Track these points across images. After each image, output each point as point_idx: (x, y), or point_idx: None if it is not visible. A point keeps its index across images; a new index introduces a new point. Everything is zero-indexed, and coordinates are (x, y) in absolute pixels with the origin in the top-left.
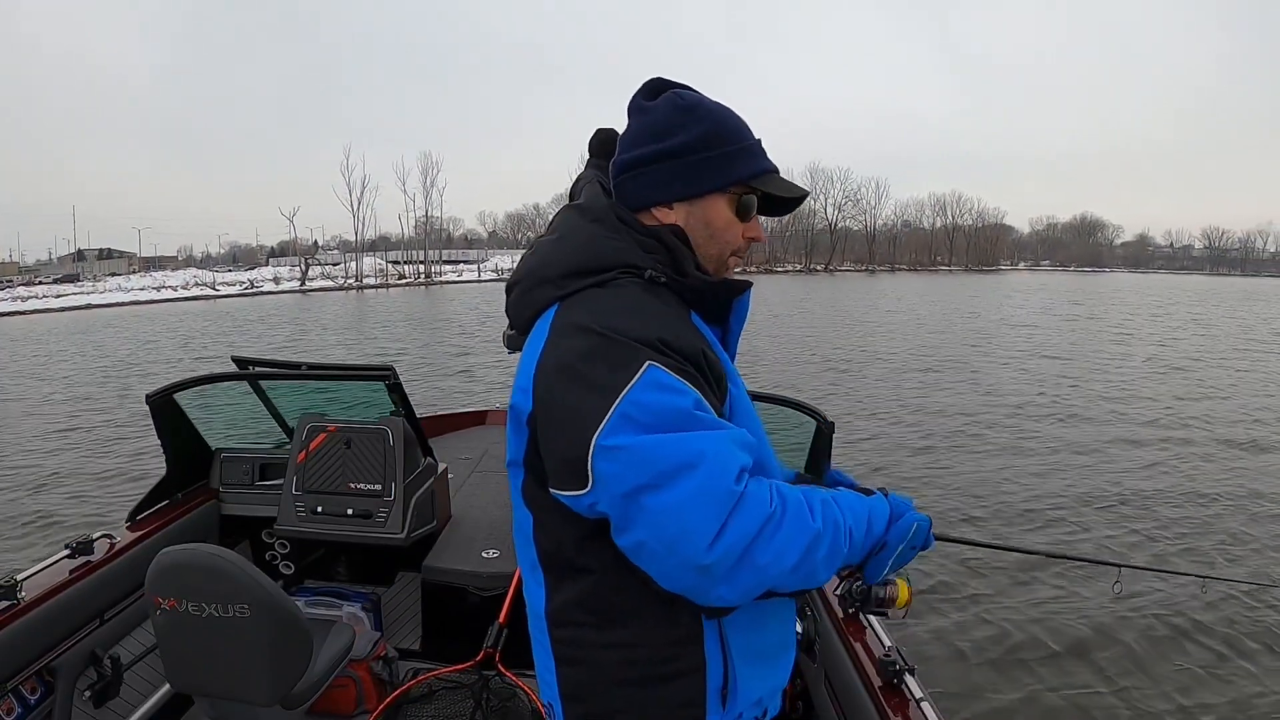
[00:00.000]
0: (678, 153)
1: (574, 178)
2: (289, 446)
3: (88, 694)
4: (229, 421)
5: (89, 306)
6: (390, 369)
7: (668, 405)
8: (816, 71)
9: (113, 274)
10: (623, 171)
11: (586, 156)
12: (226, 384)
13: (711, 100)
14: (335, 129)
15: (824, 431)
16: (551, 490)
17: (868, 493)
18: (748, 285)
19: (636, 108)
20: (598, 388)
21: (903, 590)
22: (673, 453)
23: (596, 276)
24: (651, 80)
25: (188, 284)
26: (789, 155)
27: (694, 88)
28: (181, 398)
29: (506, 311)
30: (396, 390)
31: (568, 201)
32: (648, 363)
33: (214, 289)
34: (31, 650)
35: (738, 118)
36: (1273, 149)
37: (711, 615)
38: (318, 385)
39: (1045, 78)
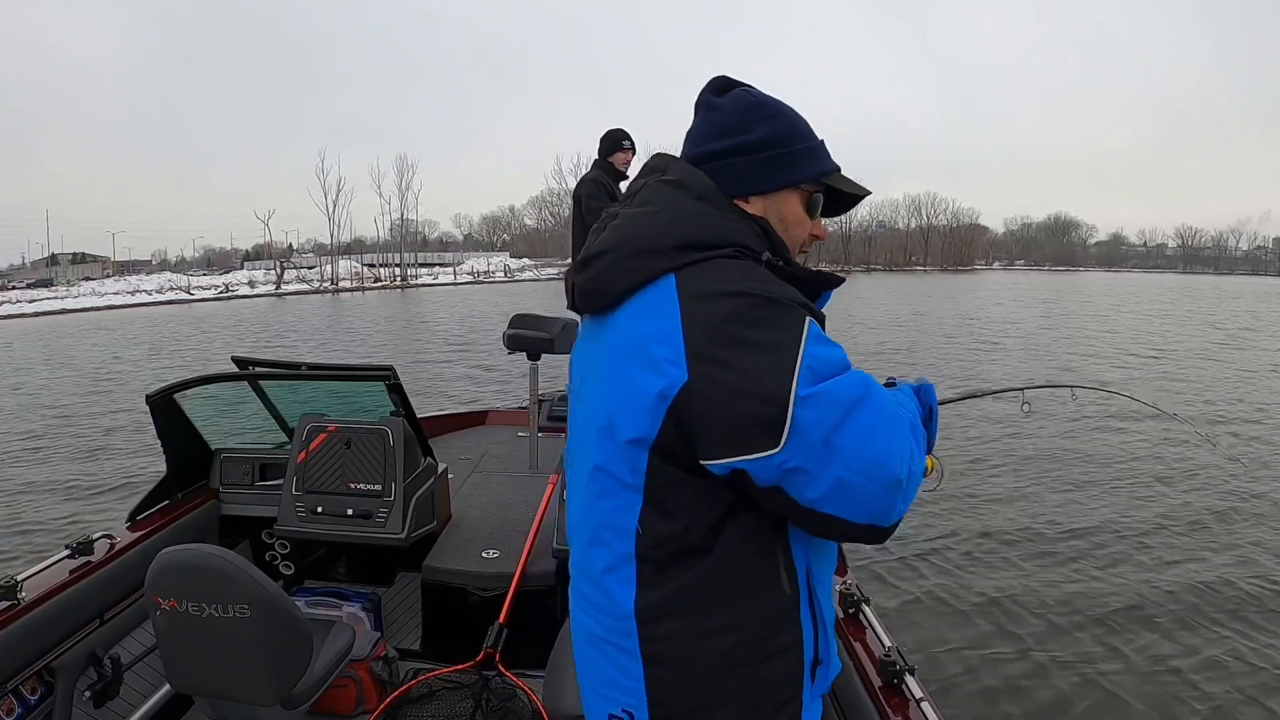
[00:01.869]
0: (754, 148)
1: (547, 179)
2: (289, 446)
3: (88, 694)
4: (229, 421)
5: (63, 311)
6: (390, 369)
7: (834, 357)
8: (791, 72)
9: (87, 278)
10: (694, 165)
11: (588, 158)
12: (226, 384)
13: (778, 99)
14: (311, 131)
15: None
16: (722, 460)
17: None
18: (842, 280)
19: (706, 104)
20: (775, 345)
21: (930, 460)
22: (850, 389)
23: (715, 251)
24: (717, 78)
25: (162, 288)
26: None
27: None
28: (181, 398)
29: (577, 288)
30: (396, 390)
31: (572, 202)
32: (807, 318)
33: (189, 293)
34: (31, 650)
35: (803, 117)
36: (1247, 149)
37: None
38: (317, 385)
39: (1021, 79)
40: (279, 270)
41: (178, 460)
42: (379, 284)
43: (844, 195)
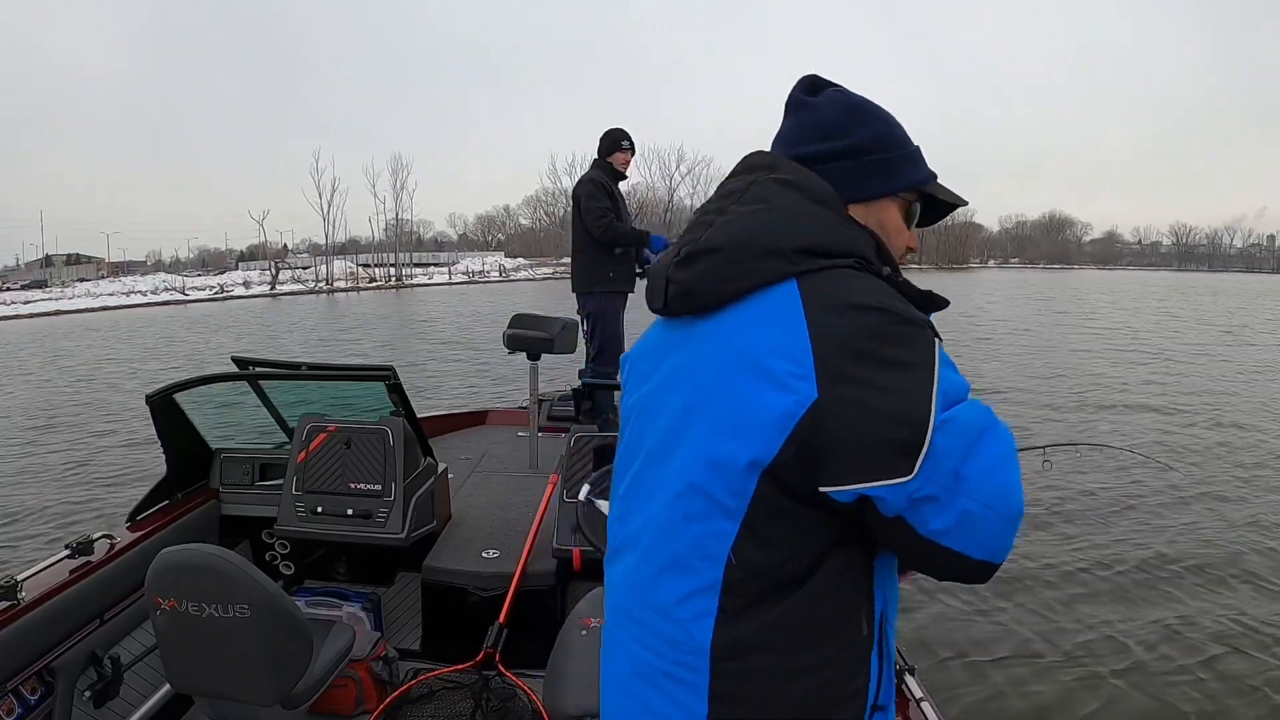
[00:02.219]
0: (854, 152)
1: (542, 178)
2: (289, 446)
3: (88, 694)
4: (229, 421)
5: (58, 313)
6: (390, 369)
7: (961, 382)
8: (788, 71)
9: (81, 279)
10: None
11: (583, 157)
12: (226, 384)
13: (874, 101)
14: (306, 132)
15: None
16: (850, 487)
17: None
18: (948, 303)
19: (798, 103)
20: (914, 365)
21: None
22: (976, 417)
23: (837, 260)
24: (807, 77)
25: (157, 289)
26: None
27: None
28: (181, 398)
29: (673, 285)
30: (396, 390)
31: (571, 202)
32: (936, 340)
33: (184, 294)
34: (31, 650)
35: (898, 120)
36: (1243, 148)
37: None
38: (318, 385)
39: (1017, 78)
40: (274, 271)
41: (178, 460)
42: (374, 284)
43: (938, 204)
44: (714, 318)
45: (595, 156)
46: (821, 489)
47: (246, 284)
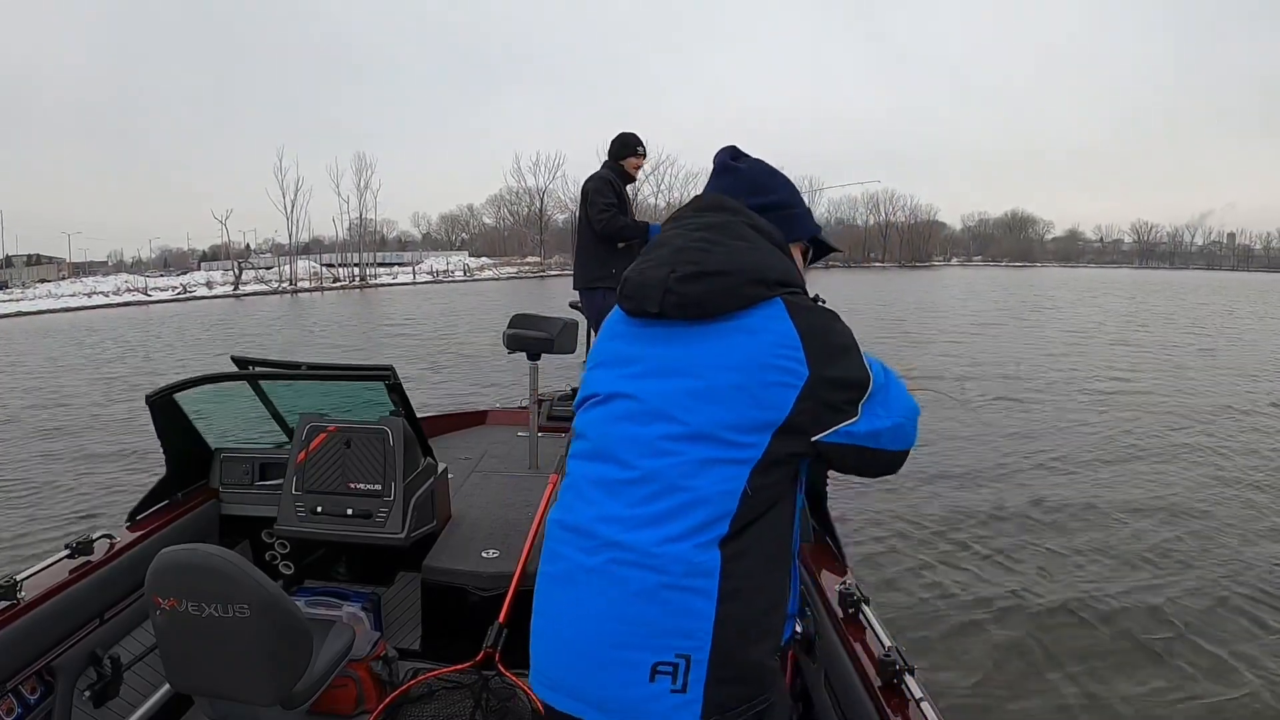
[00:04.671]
0: (775, 207)
1: (505, 177)
2: (289, 446)
3: (88, 694)
4: (229, 421)
5: (19, 314)
6: (390, 369)
7: (870, 355)
8: (749, 68)
9: (42, 280)
10: None
11: (547, 156)
12: (226, 384)
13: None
14: (269, 131)
15: None
16: (832, 429)
17: None
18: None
19: (727, 167)
20: (855, 347)
21: None
22: (882, 368)
23: (795, 288)
24: (728, 148)
25: (119, 290)
26: None
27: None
28: (181, 398)
29: (677, 295)
30: (396, 390)
31: (580, 195)
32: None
33: (146, 294)
34: (31, 650)
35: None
36: (1203, 145)
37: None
38: (317, 385)
39: (977, 76)
40: (237, 271)
41: (177, 460)
42: (338, 284)
43: (823, 248)
44: (715, 323)
45: (606, 158)
46: (814, 439)
47: (210, 284)
